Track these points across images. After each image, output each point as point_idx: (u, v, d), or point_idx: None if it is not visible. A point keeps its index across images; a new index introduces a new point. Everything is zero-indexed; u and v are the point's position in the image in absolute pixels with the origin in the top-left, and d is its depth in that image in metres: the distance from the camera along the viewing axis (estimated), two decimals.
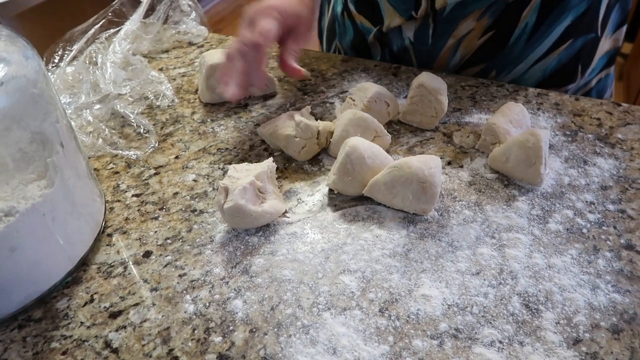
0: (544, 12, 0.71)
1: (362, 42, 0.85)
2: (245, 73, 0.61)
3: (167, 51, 0.90)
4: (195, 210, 0.56)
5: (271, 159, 0.57)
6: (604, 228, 0.51)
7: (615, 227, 0.51)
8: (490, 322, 0.43)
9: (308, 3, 0.68)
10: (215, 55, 0.72)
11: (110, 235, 0.54)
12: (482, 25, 0.73)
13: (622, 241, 0.50)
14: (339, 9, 0.87)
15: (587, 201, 0.54)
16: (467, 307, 0.44)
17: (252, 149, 0.65)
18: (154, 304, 0.46)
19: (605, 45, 0.77)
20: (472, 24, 0.73)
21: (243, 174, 0.53)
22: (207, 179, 0.60)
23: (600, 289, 0.45)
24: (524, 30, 0.73)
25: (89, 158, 0.65)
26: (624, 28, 0.78)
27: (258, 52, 0.60)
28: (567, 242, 0.50)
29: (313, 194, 0.57)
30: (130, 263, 0.51)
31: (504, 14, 0.71)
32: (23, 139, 0.44)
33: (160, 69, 0.85)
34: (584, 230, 0.51)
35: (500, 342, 0.42)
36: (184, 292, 0.47)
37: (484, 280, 0.47)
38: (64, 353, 0.43)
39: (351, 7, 0.83)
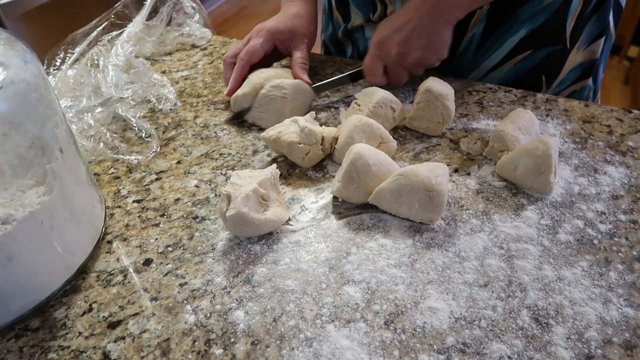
0: (492, 24, 0.73)
1: (337, 38, 0.92)
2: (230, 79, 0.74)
3: (170, 54, 0.89)
4: (197, 217, 0.55)
5: (274, 165, 0.55)
6: (616, 239, 0.50)
7: (627, 239, 0.50)
8: (499, 337, 0.42)
9: (304, 15, 0.77)
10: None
11: (110, 242, 0.53)
12: None
13: (634, 253, 0.49)
14: (327, 4, 0.93)
15: (597, 211, 0.53)
16: (474, 320, 0.43)
17: (255, 154, 0.64)
18: (153, 314, 0.45)
19: (577, 57, 0.76)
20: None
21: (246, 181, 0.51)
22: (210, 184, 0.59)
23: (612, 303, 0.44)
24: (471, 40, 0.76)
25: (90, 162, 0.64)
26: (602, 40, 0.76)
27: (240, 64, 0.72)
28: (578, 254, 0.49)
29: (317, 201, 0.56)
30: (131, 271, 0.50)
31: None
32: (22, 145, 0.43)
33: (163, 72, 0.84)
34: (595, 242, 0.50)
35: (510, 357, 0.40)
36: (185, 302, 0.46)
37: (492, 292, 0.45)
38: None
39: (333, 2, 0.89)
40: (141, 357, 0.42)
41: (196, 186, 0.59)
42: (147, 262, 0.50)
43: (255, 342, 0.42)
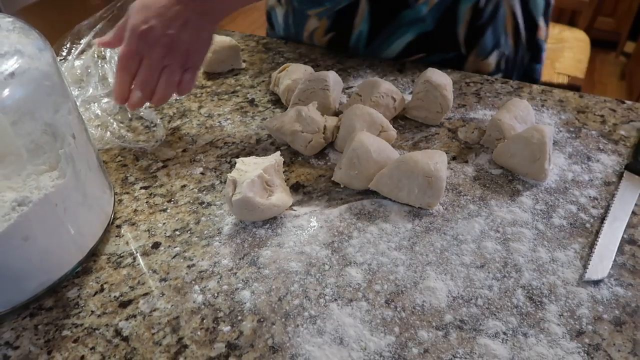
0: (376, 23, 0.77)
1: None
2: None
3: None
4: (203, 202, 0.57)
5: (278, 152, 0.57)
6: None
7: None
8: (495, 314, 0.44)
9: None
10: None
11: (119, 226, 0.55)
12: (324, 25, 0.81)
13: (624, 236, 0.51)
14: None
15: (590, 196, 0.55)
16: (471, 299, 0.45)
17: (259, 143, 0.66)
18: (163, 294, 0.47)
19: (474, 65, 0.80)
20: (316, 22, 0.81)
21: (251, 167, 0.53)
22: (215, 172, 0.61)
23: (603, 282, 0.46)
24: (359, 37, 0.80)
25: (98, 150, 0.65)
26: (496, 52, 0.78)
27: None
28: (571, 237, 0.51)
29: (319, 188, 0.58)
30: (139, 254, 0.51)
31: (337, 19, 0.76)
32: (35, 131, 0.45)
33: None
34: (587, 225, 0.52)
35: (505, 333, 0.42)
36: (193, 282, 0.48)
37: (489, 273, 0.47)
38: (75, 341, 0.44)
39: None
40: (152, 333, 0.44)
41: (202, 173, 0.61)
42: (156, 245, 0.52)
43: (262, 320, 0.44)
